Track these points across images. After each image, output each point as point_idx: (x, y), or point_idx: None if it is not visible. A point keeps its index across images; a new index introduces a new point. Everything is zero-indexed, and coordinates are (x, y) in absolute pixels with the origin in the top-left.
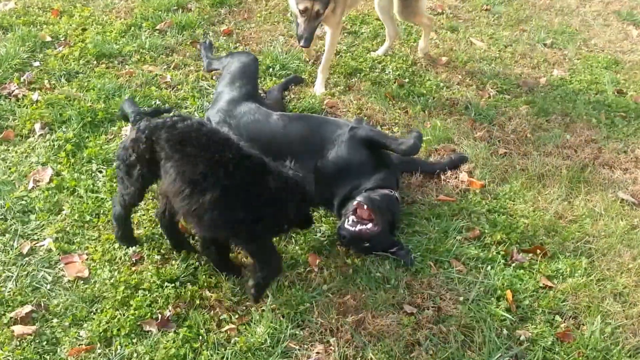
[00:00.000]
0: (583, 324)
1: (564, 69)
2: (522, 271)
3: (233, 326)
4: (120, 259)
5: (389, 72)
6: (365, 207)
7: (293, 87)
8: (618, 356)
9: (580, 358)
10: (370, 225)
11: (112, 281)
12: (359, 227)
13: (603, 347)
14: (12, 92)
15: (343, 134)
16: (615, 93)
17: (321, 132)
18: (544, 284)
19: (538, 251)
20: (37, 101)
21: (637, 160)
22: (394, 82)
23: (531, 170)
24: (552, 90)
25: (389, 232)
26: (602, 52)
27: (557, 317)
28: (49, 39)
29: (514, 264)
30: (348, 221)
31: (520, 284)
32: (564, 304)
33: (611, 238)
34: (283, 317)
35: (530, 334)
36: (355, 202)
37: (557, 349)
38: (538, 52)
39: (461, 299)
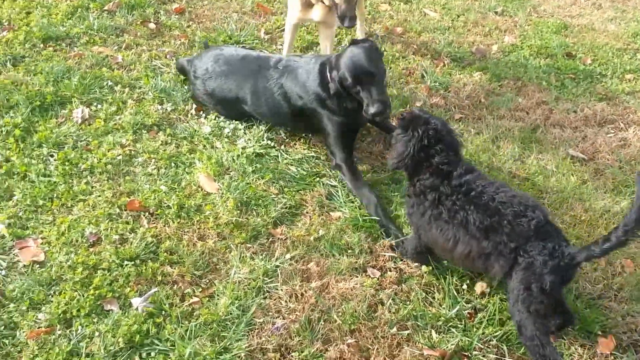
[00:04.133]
0: None
1: (515, 35)
2: None
3: (197, 299)
4: (77, 241)
5: (345, 44)
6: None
7: None
8: (575, 304)
9: None
10: None
11: (69, 263)
12: None
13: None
14: None
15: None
16: (565, 56)
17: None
18: None
19: None
20: None
21: (587, 118)
22: None
23: (485, 134)
24: (504, 57)
25: None
26: (552, 17)
27: None
28: None
29: None
30: None
31: None
32: None
33: (564, 193)
34: (247, 287)
35: (488, 287)
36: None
37: None
38: (489, 20)
39: None
